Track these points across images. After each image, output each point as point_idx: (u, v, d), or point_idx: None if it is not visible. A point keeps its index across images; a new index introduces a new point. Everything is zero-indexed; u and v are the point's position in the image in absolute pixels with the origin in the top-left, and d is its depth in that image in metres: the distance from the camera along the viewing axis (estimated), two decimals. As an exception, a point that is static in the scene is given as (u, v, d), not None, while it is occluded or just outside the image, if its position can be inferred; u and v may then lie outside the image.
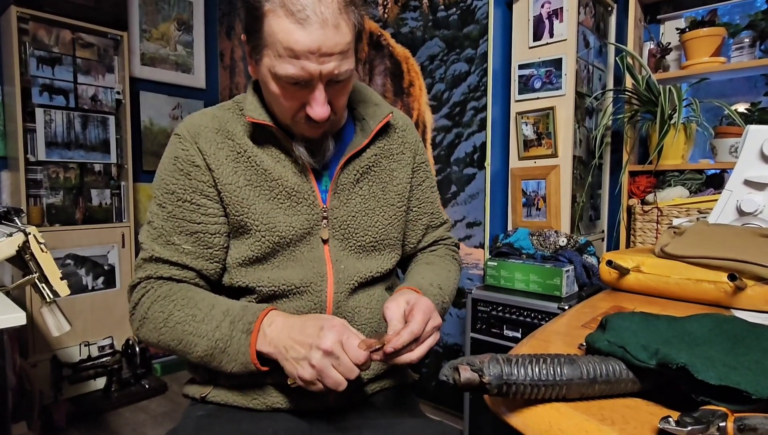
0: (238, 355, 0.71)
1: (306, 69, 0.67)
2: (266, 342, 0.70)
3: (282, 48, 0.66)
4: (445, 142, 2.13)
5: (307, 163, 0.79)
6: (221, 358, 0.72)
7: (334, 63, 0.68)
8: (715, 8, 1.69)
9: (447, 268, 0.94)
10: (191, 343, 0.73)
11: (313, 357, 0.64)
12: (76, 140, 2.44)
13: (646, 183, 1.70)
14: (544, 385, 0.47)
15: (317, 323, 0.68)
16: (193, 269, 0.79)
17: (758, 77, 1.67)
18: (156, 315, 0.75)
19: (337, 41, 0.67)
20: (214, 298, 0.77)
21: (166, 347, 0.75)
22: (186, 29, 3.07)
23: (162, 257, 0.77)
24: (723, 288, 0.80)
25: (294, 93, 0.71)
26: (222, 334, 0.72)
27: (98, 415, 2.29)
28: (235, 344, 0.71)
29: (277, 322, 0.71)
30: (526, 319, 1.58)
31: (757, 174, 0.93)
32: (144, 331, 0.77)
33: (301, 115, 0.74)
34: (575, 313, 0.81)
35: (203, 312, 0.74)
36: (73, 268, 2.42)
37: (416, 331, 0.67)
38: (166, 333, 0.74)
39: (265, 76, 0.72)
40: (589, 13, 1.79)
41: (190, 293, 0.76)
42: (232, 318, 0.72)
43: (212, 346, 0.72)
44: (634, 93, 1.68)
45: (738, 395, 0.43)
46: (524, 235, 1.76)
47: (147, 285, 0.77)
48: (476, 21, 2.00)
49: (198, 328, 0.73)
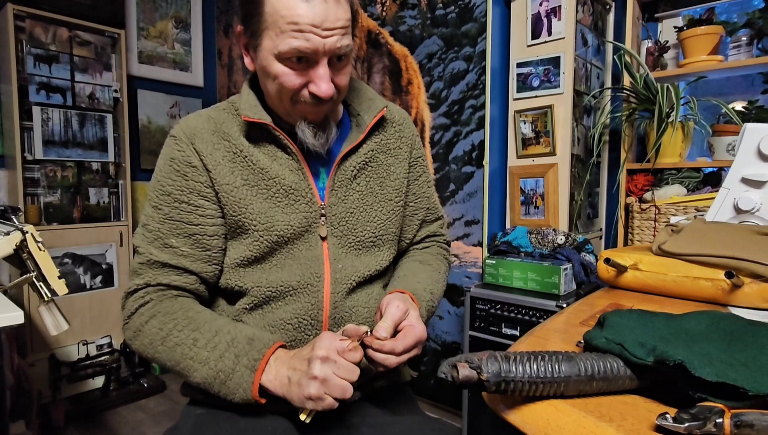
0: (239, 390, 0.69)
1: (312, 41, 0.68)
2: (271, 376, 0.69)
3: (285, 23, 0.67)
4: (444, 140, 2.13)
5: (311, 145, 0.78)
6: (220, 388, 0.71)
7: (336, 37, 0.69)
8: (713, 6, 1.69)
9: (438, 270, 0.94)
10: (190, 368, 0.71)
11: (313, 368, 0.64)
12: (74, 139, 2.44)
13: (644, 181, 1.70)
14: (542, 382, 0.47)
15: (308, 345, 0.69)
16: (193, 272, 0.78)
17: (755, 75, 1.68)
18: (153, 331, 0.73)
19: (339, 15, 0.69)
20: (216, 322, 0.75)
21: (160, 364, 0.74)
22: (184, 27, 3.06)
23: (160, 260, 0.76)
24: (720, 285, 0.81)
25: (297, 71, 0.71)
26: (225, 366, 0.70)
27: (96, 414, 2.29)
28: (237, 379, 0.69)
29: (282, 357, 0.71)
30: (525, 317, 1.58)
31: (755, 172, 0.94)
32: (138, 344, 0.75)
33: (303, 95, 0.74)
34: (573, 311, 0.82)
35: (205, 337, 0.72)
36: (71, 266, 2.42)
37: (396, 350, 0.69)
38: (163, 352, 0.73)
39: (266, 60, 0.72)
40: (588, 11, 1.79)
41: (191, 314, 0.75)
42: (237, 351, 0.71)
43: (213, 375, 0.70)
44: (632, 91, 1.69)
45: (735, 392, 0.43)
46: (522, 233, 1.77)
47: (146, 295, 0.76)
48: (474, 19, 2.00)
49: (199, 354, 0.71)
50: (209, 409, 0.81)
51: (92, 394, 2.40)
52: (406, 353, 0.70)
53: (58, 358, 2.28)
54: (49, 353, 2.28)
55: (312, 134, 0.77)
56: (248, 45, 0.75)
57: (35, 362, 2.25)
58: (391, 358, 0.69)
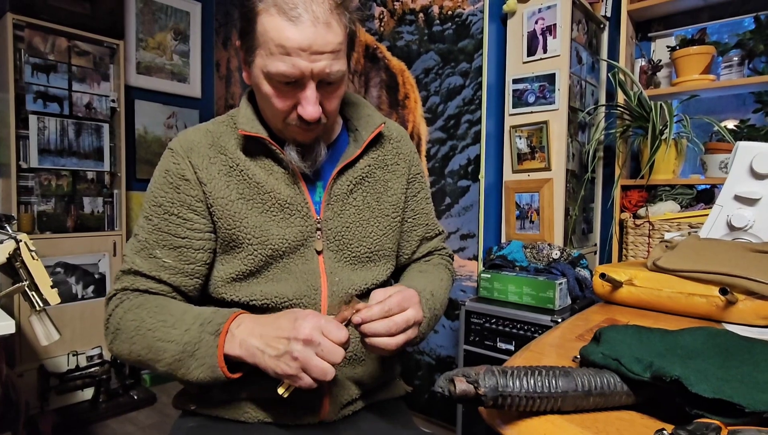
0: (206, 358, 0.67)
1: (297, 66, 0.67)
2: (236, 344, 0.67)
3: (274, 45, 0.67)
4: (440, 154, 2.14)
5: (297, 167, 0.78)
6: (189, 363, 0.68)
7: (325, 62, 0.68)
8: (705, 27, 1.72)
9: (439, 277, 0.93)
10: (160, 349, 0.70)
11: (293, 349, 0.62)
12: (70, 148, 2.43)
13: (638, 197, 1.72)
14: (539, 397, 0.47)
15: (290, 316, 0.66)
16: (169, 285, 0.77)
17: (747, 95, 1.71)
18: (128, 324, 0.73)
19: (329, 40, 0.67)
20: (189, 305, 0.75)
21: (137, 358, 0.73)
22: (182, 39, 3.08)
23: (140, 271, 0.76)
24: (714, 302, 0.81)
25: (286, 93, 0.71)
26: (191, 337, 0.69)
27: (85, 426, 2.24)
28: (203, 347, 0.68)
29: (245, 322, 0.69)
30: (520, 332, 1.58)
31: (747, 189, 0.95)
32: (117, 344, 0.74)
33: (292, 117, 0.74)
34: (569, 326, 0.82)
35: (174, 317, 0.72)
36: (63, 276, 2.39)
37: (388, 308, 0.65)
38: (137, 341, 0.72)
39: (258, 77, 0.72)
40: (582, 29, 1.82)
41: (163, 302, 0.75)
42: (202, 321, 0.70)
43: (180, 350, 0.69)
44: (626, 108, 1.71)
45: (731, 408, 0.43)
46: (518, 248, 1.77)
47: (123, 296, 0.76)
48: (471, 35, 2.02)
49: (168, 334, 0.70)
50: (201, 421, 0.80)
51: (81, 406, 2.36)
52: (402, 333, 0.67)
53: (47, 368, 2.25)
54: (38, 364, 2.25)
55: (298, 157, 0.77)
56: (245, 58, 0.76)
57: (24, 373, 2.21)
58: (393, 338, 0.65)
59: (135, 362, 0.74)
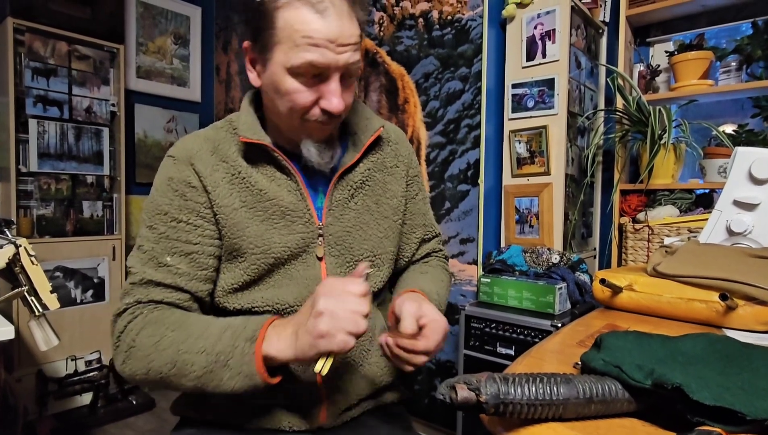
0: (242, 366, 0.66)
1: (326, 56, 0.68)
2: (273, 341, 0.66)
3: (300, 37, 0.67)
4: (440, 159, 2.15)
5: (316, 164, 0.78)
6: (222, 374, 0.66)
7: (349, 53, 0.70)
8: (703, 32, 1.73)
9: (440, 278, 0.94)
10: (187, 362, 0.67)
11: (318, 304, 0.62)
12: (69, 151, 2.43)
13: (637, 202, 1.72)
14: (540, 404, 0.47)
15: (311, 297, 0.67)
16: (187, 291, 0.75)
17: (745, 100, 1.71)
18: (145, 341, 0.69)
19: (352, 31, 0.69)
20: (212, 317, 0.74)
21: (156, 377, 0.68)
22: (182, 43, 3.09)
23: (154, 280, 0.73)
24: (714, 307, 0.81)
25: (309, 87, 0.71)
26: (223, 347, 0.67)
27: (84, 431, 2.23)
28: (238, 354, 0.66)
29: (280, 322, 0.70)
30: (520, 336, 1.58)
31: (746, 194, 0.95)
32: (131, 363, 0.69)
33: (313, 113, 0.73)
34: (569, 331, 0.82)
35: (200, 329, 0.69)
36: (62, 280, 2.39)
37: (430, 349, 0.69)
38: (156, 359, 0.68)
39: (276, 74, 0.71)
40: (581, 35, 1.82)
41: (182, 316, 0.72)
42: (233, 330, 0.68)
43: (212, 360, 0.66)
44: (625, 113, 1.71)
45: (732, 416, 0.43)
46: (517, 252, 1.77)
47: (135, 311, 0.72)
48: (470, 40, 2.03)
49: (195, 345, 0.67)
50: (200, 429, 0.80)
51: (79, 411, 2.34)
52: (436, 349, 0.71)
53: (46, 373, 2.24)
54: (36, 368, 2.24)
55: (317, 153, 0.77)
56: (255, 60, 0.75)
57: (22, 377, 2.20)
58: (421, 357, 0.69)
59: (152, 383, 0.69)
